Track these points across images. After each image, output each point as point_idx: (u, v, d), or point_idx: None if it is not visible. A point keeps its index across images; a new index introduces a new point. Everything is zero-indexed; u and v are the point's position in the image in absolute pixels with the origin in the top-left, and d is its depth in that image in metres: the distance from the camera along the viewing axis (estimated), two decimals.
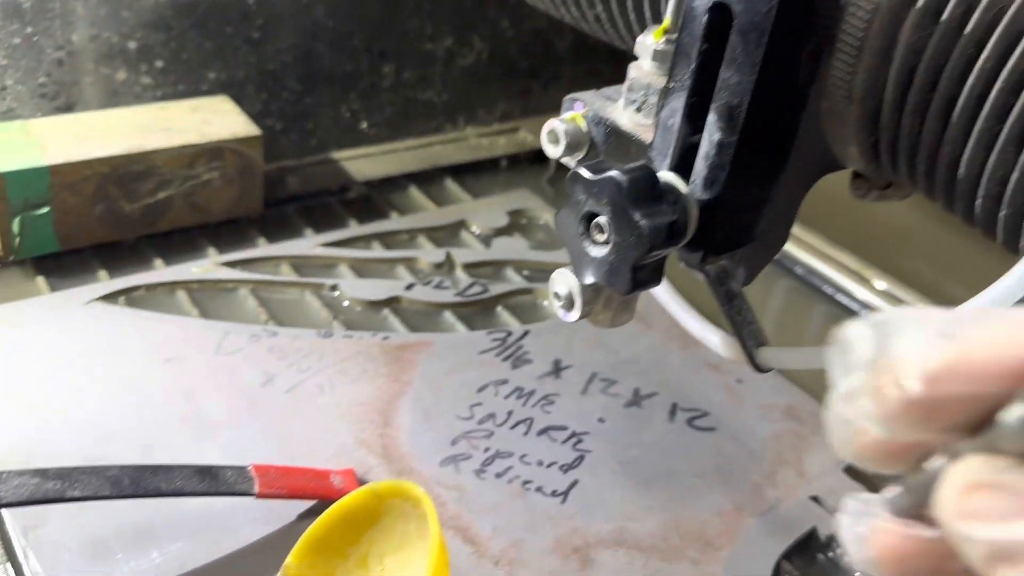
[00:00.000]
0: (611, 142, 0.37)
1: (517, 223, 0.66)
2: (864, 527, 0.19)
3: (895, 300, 0.64)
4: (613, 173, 0.32)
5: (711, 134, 0.33)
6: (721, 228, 0.35)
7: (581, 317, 0.41)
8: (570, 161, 0.39)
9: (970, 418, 0.17)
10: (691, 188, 0.34)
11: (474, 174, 0.72)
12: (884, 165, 0.36)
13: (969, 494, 0.17)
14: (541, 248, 0.64)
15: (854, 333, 0.18)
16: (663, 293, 0.39)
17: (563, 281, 0.40)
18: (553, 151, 0.39)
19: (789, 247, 0.65)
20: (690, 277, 0.36)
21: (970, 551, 0.16)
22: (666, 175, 0.35)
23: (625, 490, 0.46)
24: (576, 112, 0.38)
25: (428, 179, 0.70)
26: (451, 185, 0.71)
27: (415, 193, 0.69)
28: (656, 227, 0.32)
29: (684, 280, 0.39)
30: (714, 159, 0.34)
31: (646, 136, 0.36)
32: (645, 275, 0.34)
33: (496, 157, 0.73)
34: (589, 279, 0.35)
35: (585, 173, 0.33)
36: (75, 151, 0.54)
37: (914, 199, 0.39)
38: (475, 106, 0.75)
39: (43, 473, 0.36)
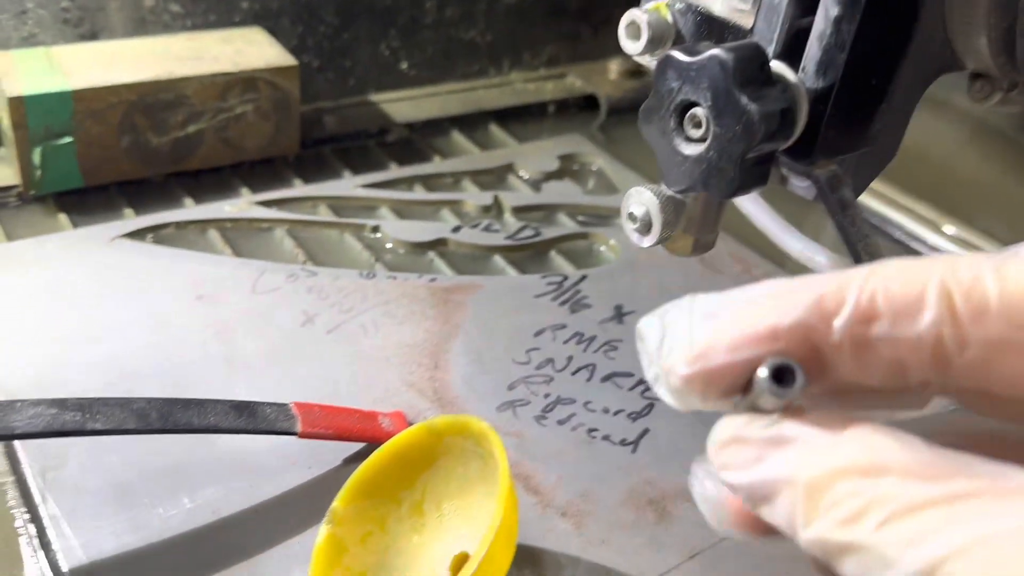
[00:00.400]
0: (702, 33, 0.33)
1: (568, 168, 0.62)
2: (711, 487, 0.21)
3: (966, 245, 0.59)
4: (716, 51, 0.28)
5: (827, 10, 0.29)
6: (834, 125, 0.30)
7: (658, 242, 0.36)
8: (651, 60, 0.35)
9: (741, 382, 0.19)
10: (801, 77, 0.30)
11: (520, 119, 0.68)
12: (1019, 57, 0.31)
13: (721, 449, 0.19)
14: (595, 193, 0.60)
15: (645, 325, 0.20)
16: (758, 210, 0.35)
17: (639, 200, 0.36)
18: (632, 47, 0.34)
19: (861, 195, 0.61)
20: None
21: (741, 497, 0.19)
22: (772, 63, 0.30)
23: (702, 440, 0.41)
24: (660, 1, 0.34)
25: (471, 123, 0.66)
26: (496, 130, 0.66)
27: (458, 137, 0.65)
28: (768, 113, 0.28)
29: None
30: (830, 39, 0.29)
31: (745, 22, 0.31)
32: (749, 174, 0.29)
33: (543, 102, 0.69)
34: (680, 184, 0.31)
35: (680, 55, 0.29)
36: (100, 77, 0.50)
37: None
38: (520, 49, 0.71)
39: (62, 403, 0.32)
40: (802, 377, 0.19)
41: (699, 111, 0.29)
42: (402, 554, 0.33)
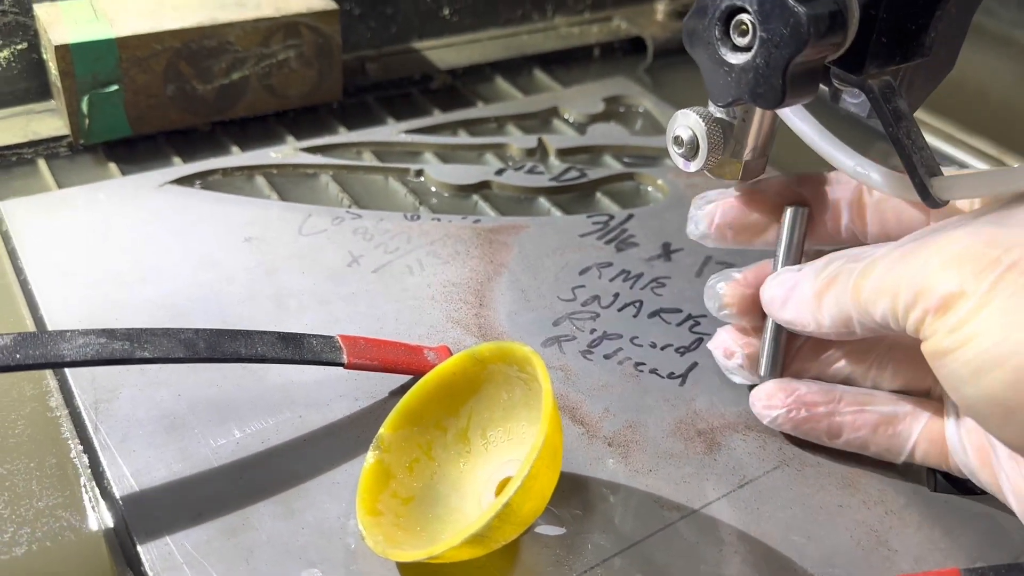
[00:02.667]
0: None
1: (614, 110, 0.61)
2: (721, 283, 0.37)
3: None
4: None
5: None
6: (886, 32, 0.29)
7: (705, 167, 0.36)
8: None
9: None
10: None
11: (564, 64, 0.67)
12: None
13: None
14: (642, 135, 0.59)
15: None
16: (809, 127, 0.34)
17: (685, 122, 0.35)
18: None
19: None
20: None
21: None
22: None
23: None
24: None
25: (515, 68, 0.65)
26: (540, 75, 0.65)
27: (501, 83, 0.64)
28: (816, 16, 0.27)
29: None
30: None
31: None
32: (797, 83, 0.28)
33: (588, 46, 0.68)
34: (726, 96, 0.30)
35: None
36: (144, 24, 0.50)
37: None
38: None
39: (110, 333, 0.32)
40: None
41: (745, 17, 0.28)
42: (448, 481, 0.33)
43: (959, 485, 0.36)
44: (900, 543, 0.34)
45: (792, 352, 0.37)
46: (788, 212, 0.36)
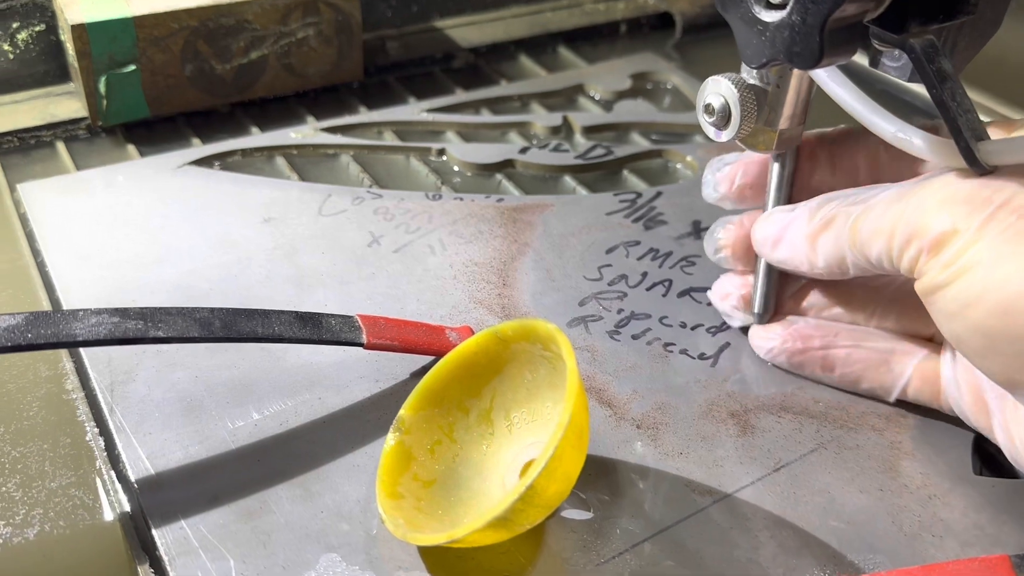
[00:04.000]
0: None
1: (641, 87, 0.59)
2: (719, 228, 0.38)
3: None
4: None
5: None
6: None
7: (737, 136, 0.34)
8: None
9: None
10: None
11: (589, 41, 0.65)
12: None
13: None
14: (671, 111, 0.57)
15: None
16: (847, 92, 0.32)
17: (716, 89, 0.34)
18: None
19: None
20: None
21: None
22: None
23: None
24: None
25: (539, 46, 0.64)
26: (564, 52, 0.64)
27: (525, 61, 0.62)
28: None
29: None
30: None
31: None
32: (837, 39, 0.27)
33: (614, 22, 0.66)
34: (761, 57, 0.28)
35: None
36: (160, 3, 0.49)
37: None
38: None
39: (123, 312, 0.32)
40: None
41: None
42: (470, 463, 0.32)
43: (1004, 469, 0.34)
44: (945, 529, 0.32)
45: (790, 295, 0.38)
46: (775, 161, 0.36)
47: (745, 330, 0.39)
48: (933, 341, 0.36)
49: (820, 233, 0.33)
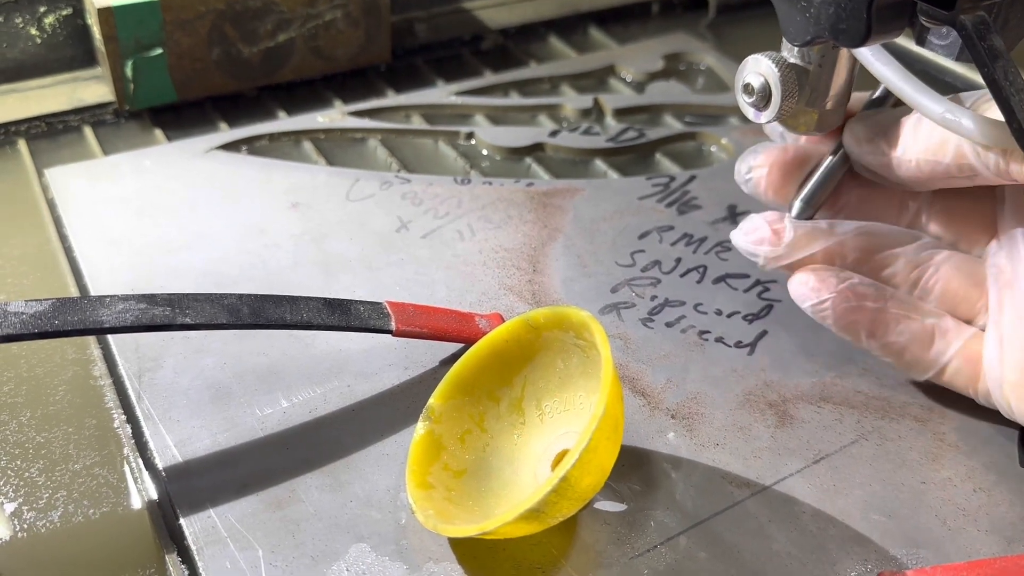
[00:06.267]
0: None
1: (674, 68, 0.58)
2: (760, 148, 0.36)
3: None
4: None
5: None
6: None
7: (777, 117, 0.33)
8: None
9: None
10: None
11: (621, 21, 0.64)
12: None
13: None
14: (705, 92, 0.56)
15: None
16: (893, 72, 0.31)
17: (756, 68, 0.32)
18: None
19: None
20: None
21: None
22: None
23: (825, 342, 0.38)
24: None
25: (569, 27, 0.63)
26: (595, 33, 0.63)
27: (555, 42, 0.61)
28: None
29: None
30: None
31: None
32: (885, 16, 0.25)
33: (646, 2, 0.65)
34: (805, 35, 0.27)
35: None
36: None
37: None
38: None
39: (151, 299, 0.31)
40: None
41: None
42: (501, 453, 0.31)
43: None
44: (991, 523, 0.31)
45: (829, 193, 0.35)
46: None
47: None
48: (973, 324, 0.34)
49: (924, 120, 0.31)
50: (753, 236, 0.35)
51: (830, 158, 0.35)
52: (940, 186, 0.33)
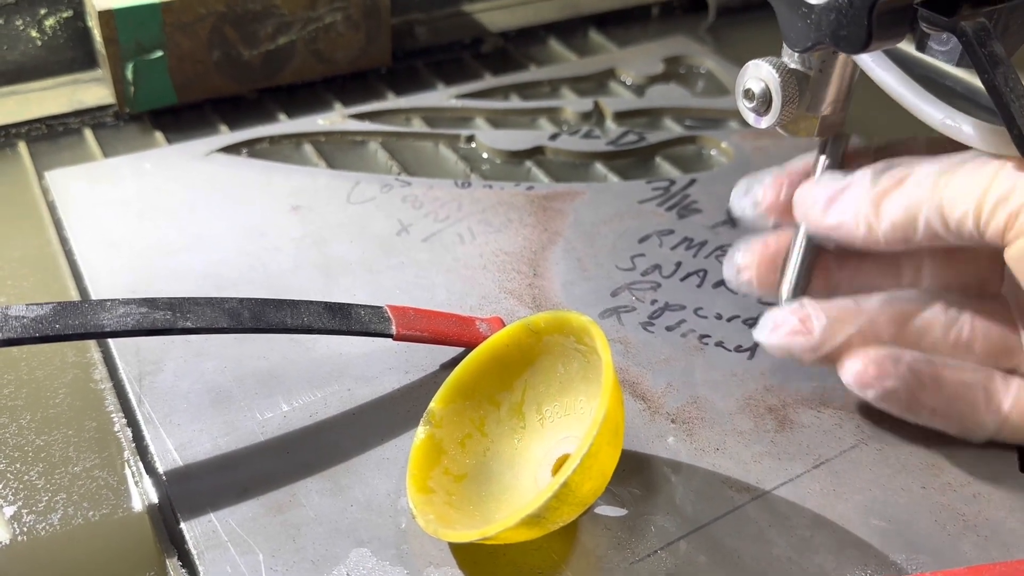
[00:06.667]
0: None
1: (674, 71, 0.58)
2: (741, 249, 0.36)
3: None
4: None
5: None
6: None
7: (778, 122, 0.33)
8: None
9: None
10: None
11: (621, 24, 0.64)
12: None
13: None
14: (704, 96, 0.56)
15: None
16: (893, 77, 0.31)
17: (756, 74, 0.33)
18: None
19: None
20: None
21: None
22: None
23: None
24: None
25: (569, 29, 0.63)
26: (595, 36, 0.63)
27: (555, 45, 0.61)
28: None
29: None
30: None
31: None
32: (886, 23, 0.26)
33: (646, 5, 0.65)
34: (806, 41, 0.27)
35: None
36: None
37: None
38: None
39: (151, 302, 0.31)
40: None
41: None
42: (502, 458, 0.31)
43: None
44: (990, 528, 0.31)
45: (816, 274, 0.35)
46: (829, 139, 0.34)
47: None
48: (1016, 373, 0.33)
49: (889, 192, 0.30)
50: (782, 330, 0.33)
51: (801, 238, 0.34)
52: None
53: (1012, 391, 0.32)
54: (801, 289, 0.35)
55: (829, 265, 0.35)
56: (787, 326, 0.33)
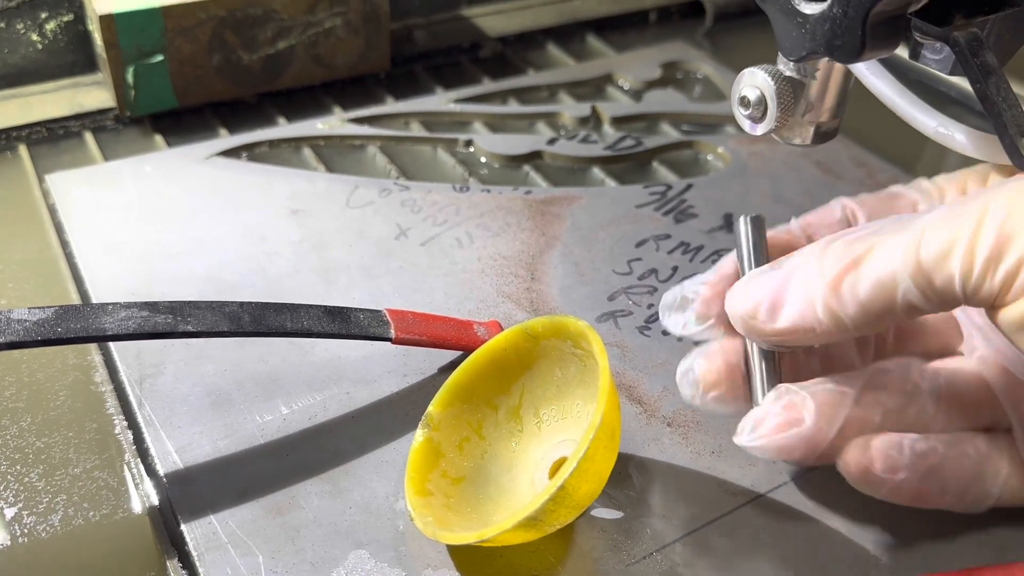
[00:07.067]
0: None
1: (672, 76, 0.58)
2: (698, 360, 0.32)
3: None
4: None
5: None
6: None
7: (774, 129, 0.33)
8: None
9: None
10: None
11: (618, 29, 0.64)
12: None
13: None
14: (702, 101, 0.56)
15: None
16: (887, 85, 0.31)
17: (752, 81, 0.33)
18: None
19: None
20: None
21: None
22: None
23: None
24: None
25: (567, 35, 0.63)
26: (593, 41, 0.63)
27: (553, 50, 0.62)
28: None
29: None
30: None
31: None
32: (880, 33, 0.26)
33: (644, 10, 0.65)
34: (800, 50, 0.27)
35: None
36: None
37: None
38: None
39: (153, 306, 0.32)
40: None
41: None
42: (499, 461, 0.32)
43: None
44: (983, 532, 0.31)
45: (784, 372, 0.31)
46: (742, 221, 0.32)
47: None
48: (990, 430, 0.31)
49: (847, 273, 0.26)
50: (766, 426, 0.29)
51: (753, 344, 0.31)
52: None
53: (1003, 451, 0.30)
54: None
55: (795, 363, 0.31)
56: (770, 420, 0.29)
